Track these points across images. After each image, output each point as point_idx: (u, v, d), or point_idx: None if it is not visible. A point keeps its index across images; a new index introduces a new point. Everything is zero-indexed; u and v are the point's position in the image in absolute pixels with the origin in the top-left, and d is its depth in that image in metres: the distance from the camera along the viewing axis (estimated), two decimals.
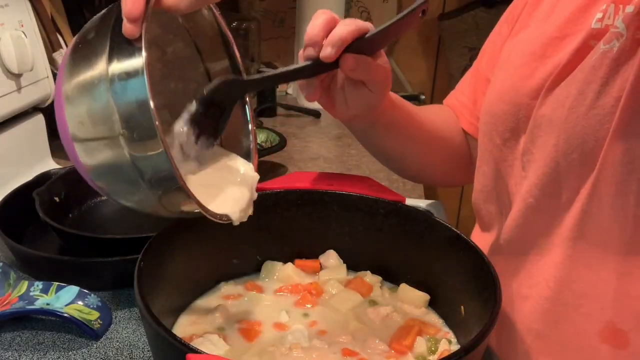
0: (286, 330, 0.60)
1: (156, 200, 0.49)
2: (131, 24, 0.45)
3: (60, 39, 1.05)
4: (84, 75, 0.47)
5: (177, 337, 0.44)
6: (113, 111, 0.45)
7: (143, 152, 0.46)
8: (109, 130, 0.46)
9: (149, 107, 0.44)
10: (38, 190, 0.80)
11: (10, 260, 0.77)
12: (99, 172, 0.49)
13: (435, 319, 0.63)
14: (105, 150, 0.47)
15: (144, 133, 0.45)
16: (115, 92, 0.45)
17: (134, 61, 0.45)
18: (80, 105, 0.47)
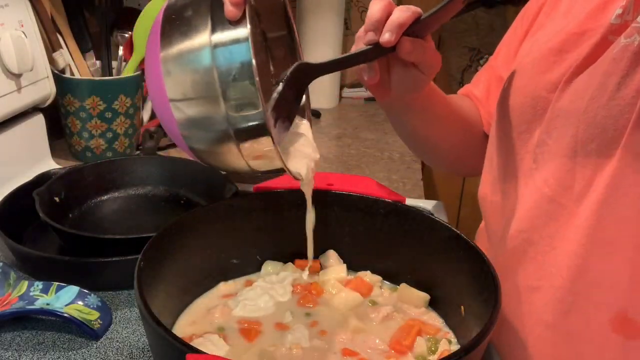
0: (286, 330, 0.60)
1: (240, 155, 0.54)
2: (234, 7, 0.49)
3: (60, 39, 1.05)
4: (187, 44, 0.51)
5: (177, 337, 0.44)
6: (214, 73, 0.50)
7: (240, 102, 0.51)
8: (209, 89, 0.51)
9: (251, 66, 0.49)
10: (38, 190, 0.80)
11: (10, 260, 0.77)
12: (192, 126, 0.53)
13: (435, 319, 0.63)
14: (202, 107, 0.52)
15: (244, 91, 0.50)
16: (218, 55, 0.50)
17: (238, 31, 0.50)
18: (183, 70, 0.52)
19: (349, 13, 1.75)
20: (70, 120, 1.05)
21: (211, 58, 0.50)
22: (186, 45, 0.51)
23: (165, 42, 0.52)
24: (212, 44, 0.50)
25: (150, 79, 0.54)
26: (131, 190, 0.92)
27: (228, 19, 0.50)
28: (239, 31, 0.50)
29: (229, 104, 0.50)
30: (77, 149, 1.08)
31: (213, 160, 0.57)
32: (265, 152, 0.53)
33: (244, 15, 0.50)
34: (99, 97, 1.02)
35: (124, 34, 1.13)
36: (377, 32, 0.59)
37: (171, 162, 0.95)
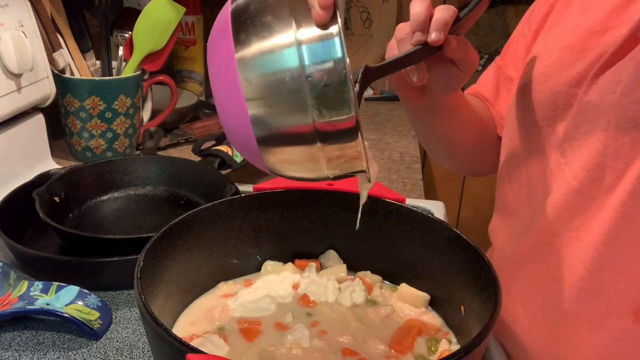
0: (286, 330, 0.60)
1: (322, 161, 0.50)
2: (324, 11, 0.46)
3: (60, 39, 1.05)
4: (271, 51, 0.47)
5: (177, 337, 0.44)
6: (303, 79, 0.46)
7: (331, 107, 0.47)
8: (297, 96, 0.47)
9: (345, 69, 0.46)
10: (38, 190, 0.80)
11: (10, 260, 0.77)
12: (273, 136, 0.49)
13: (435, 319, 0.63)
14: (288, 115, 0.48)
15: (337, 96, 0.47)
16: (307, 61, 0.46)
17: (327, 32, 0.47)
18: (265, 79, 0.48)
19: (349, 13, 1.76)
20: (70, 120, 1.05)
21: (299, 63, 0.46)
22: (269, 52, 0.47)
23: (243, 52, 0.48)
24: (300, 48, 0.47)
25: (222, 92, 0.50)
26: (131, 190, 0.92)
27: (316, 23, 0.47)
28: (328, 33, 0.47)
29: (318, 110, 0.47)
30: (77, 149, 1.08)
31: (289, 170, 0.53)
32: (352, 156, 0.50)
33: (333, 15, 0.47)
34: (99, 97, 1.02)
35: (124, 34, 1.13)
36: (424, 32, 0.60)
37: (171, 162, 0.95)
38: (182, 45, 1.38)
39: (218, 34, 0.50)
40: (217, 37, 0.50)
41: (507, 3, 1.76)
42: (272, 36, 0.47)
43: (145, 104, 1.15)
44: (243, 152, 0.53)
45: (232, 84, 0.48)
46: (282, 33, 0.47)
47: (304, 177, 0.53)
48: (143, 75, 1.10)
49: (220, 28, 0.50)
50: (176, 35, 1.09)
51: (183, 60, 1.40)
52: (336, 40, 0.46)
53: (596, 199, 0.59)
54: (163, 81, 1.14)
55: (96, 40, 1.13)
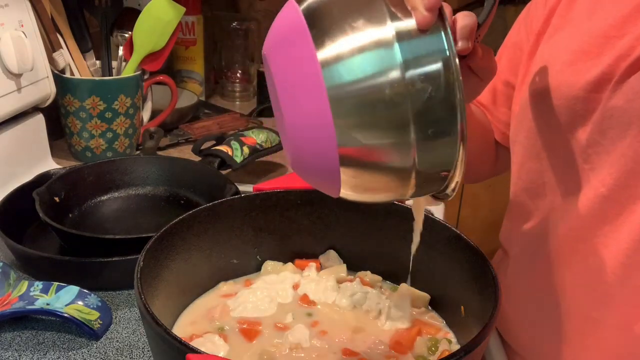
0: (286, 330, 0.60)
1: (409, 184, 0.44)
2: (429, 13, 0.41)
3: (60, 39, 1.05)
4: (366, 62, 0.41)
5: (177, 337, 0.44)
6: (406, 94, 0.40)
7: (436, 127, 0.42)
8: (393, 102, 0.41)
9: (455, 82, 0.41)
10: (38, 190, 0.80)
11: (10, 260, 0.77)
12: (362, 154, 0.43)
13: (435, 319, 0.63)
14: (383, 127, 0.42)
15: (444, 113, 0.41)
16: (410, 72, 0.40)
17: (433, 40, 0.41)
18: (359, 96, 0.41)
19: None
20: (70, 120, 1.05)
21: (401, 73, 0.40)
22: (363, 61, 0.41)
23: (329, 61, 0.41)
24: (401, 55, 0.40)
25: (298, 108, 0.43)
26: (131, 190, 0.92)
27: (419, 28, 0.41)
28: (434, 38, 0.41)
29: (420, 125, 0.41)
30: (77, 149, 1.08)
31: (367, 195, 0.47)
32: (441, 177, 0.45)
33: (439, 18, 0.42)
34: (99, 97, 1.02)
35: (124, 34, 1.13)
36: None
37: (171, 162, 0.95)
38: (182, 45, 1.38)
39: (286, 39, 0.44)
40: (286, 43, 0.43)
41: (507, 3, 1.76)
42: (366, 41, 0.41)
43: (145, 104, 1.15)
44: (313, 176, 0.47)
45: (314, 99, 0.41)
46: (377, 38, 0.41)
47: (378, 201, 0.48)
48: (143, 75, 1.10)
49: (291, 32, 0.43)
50: (176, 35, 1.09)
51: (183, 60, 1.40)
52: (444, 47, 0.41)
53: (627, 206, 0.58)
54: (163, 81, 1.14)
55: (96, 40, 1.13)
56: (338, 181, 0.44)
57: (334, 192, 0.46)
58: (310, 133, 0.43)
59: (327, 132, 0.41)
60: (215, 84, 1.53)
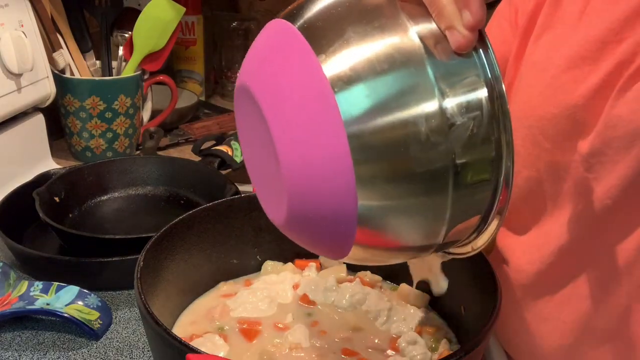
0: (286, 330, 0.60)
1: (441, 237, 0.36)
2: (470, 32, 0.34)
3: (60, 39, 1.05)
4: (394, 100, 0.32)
5: (177, 337, 0.44)
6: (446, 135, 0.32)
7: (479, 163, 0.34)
8: (430, 142, 0.32)
9: (507, 116, 0.34)
10: (38, 190, 0.80)
11: (10, 260, 0.77)
12: (385, 222, 0.34)
13: (435, 319, 0.63)
14: (417, 176, 0.33)
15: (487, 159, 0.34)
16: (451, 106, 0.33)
17: (471, 64, 0.34)
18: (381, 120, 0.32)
19: None
20: (70, 120, 1.05)
21: (438, 106, 0.32)
22: (390, 92, 0.32)
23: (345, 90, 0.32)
24: (437, 84, 0.32)
25: (303, 153, 0.33)
26: (131, 190, 0.92)
27: (457, 50, 0.34)
28: (474, 64, 0.34)
29: (461, 172, 0.33)
30: (77, 149, 1.08)
31: (379, 258, 0.40)
32: (470, 231, 0.38)
33: (480, 38, 0.35)
34: (99, 97, 1.02)
35: (124, 34, 1.13)
36: None
37: (171, 162, 0.95)
38: (182, 45, 1.38)
39: (279, 61, 0.34)
40: (279, 65, 0.34)
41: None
42: (390, 64, 0.32)
43: (145, 104, 1.15)
44: (317, 238, 0.37)
45: (326, 137, 0.32)
46: (405, 59, 0.33)
47: (388, 263, 0.41)
48: (143, 75, 1.10)
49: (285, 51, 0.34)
50: (176, 35, 1.09)
51: (183, 60, 1.40)
52: (484, 64, 0.34)
53: (634, 217, 0.57)
54: (163, 81, 1.14)
55: (96, 40, 1.13)
56: (350, 243, 0.35)
57: (339, 255, 0.37)
58: (320, 181, 0.33)
59: (344, 181, 0.32)
60: (215, 84, 1.53)
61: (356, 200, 0.32)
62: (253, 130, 0.37)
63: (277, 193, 0.36)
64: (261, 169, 0.38)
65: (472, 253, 0.41)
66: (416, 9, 0.35)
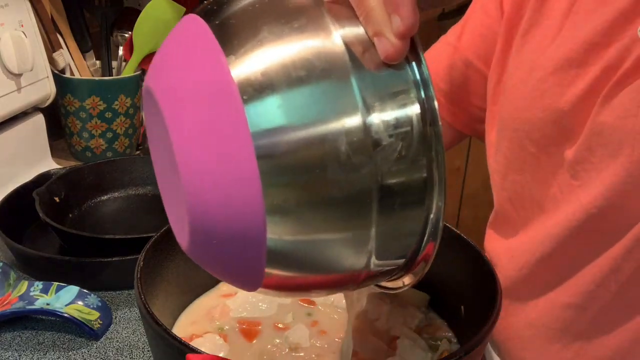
0: (286, 330, 0.60)
1: (365, 271, 0.32)
2: (401, 41, 0.30)
3: (60, 39, 1.05)
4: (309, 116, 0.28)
5: (177, 337, 0.44)
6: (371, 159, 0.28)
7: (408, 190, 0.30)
8: (351, 165, 0.28)
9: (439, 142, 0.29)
10: (38, 190, 0.80)
11: (10, 260, 0.77)
12: (301, 245, 0.30)
13: (435, 319, 0.63)
14: (335, 205, 0.29)
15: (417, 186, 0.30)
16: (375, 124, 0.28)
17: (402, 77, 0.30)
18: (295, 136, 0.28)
19: None
20: (70, 120, 1.05)
21: (362, 122, 0.28)
22: (307, 102, 0.28)
23: (255, 96, 0.28)
24: (362, 97, 0.28)
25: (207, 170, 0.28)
26: (131, 190, 0.92)
27: (386, 60, 0.30)
28: (404, 77, 0.30)
29: (385, 203, 0.29)
30: (77, 149, 1.08)
31: (298, 292, 0.37)
32: (399, 264, 0.35)
33: (412, 49, 0.30)
34: (99, 97, 1.02)
35: (124, 34, 1.13)
36: None
37: None
38: None
39: (185, 64, 0.30)
40: (184, 68, 0.30)
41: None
42: (308, 73, 0.28)
43: None
44: (222, 266, 0.33)
45: (231, 150, 0.27)
46: (326, 67, 0.28)
47: (309, 296, 0.37)
48: (143, 75, 1.10)
49: (192, 53, 0.30)
50: None
51: None
52: (417, 79, 0.30)
53: (621, 225, 0.56)
54: None
55: (96, 40, 1.13)
56: (260, 277, 0.31)
57: (250, 287, 0.33)
58: (222, 208, 0.28)
59: (250, 207, 0.28)
60: None
61: (265, 228, 0.28)
62: (159, 140, 0.32)
63: (181, 214, 0.31)
64: (168, 185, 0.34)
65: (403, 288, 0.37)
66: (344, 11, 0.31)
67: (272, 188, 0.27)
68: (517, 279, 0.67)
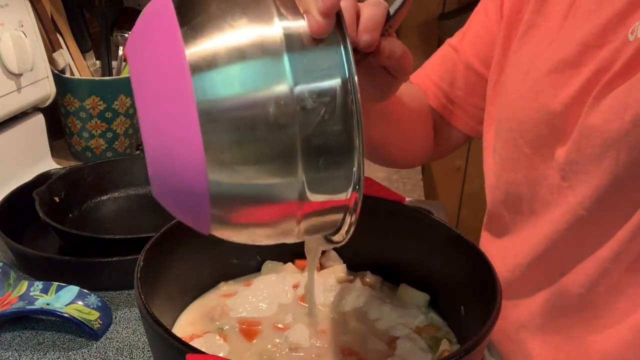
0: (286, 330, 0.60)
1: (295, 225, 0.37)
2: (324, 19, 0.34)
3: (60, 39, 1.05)
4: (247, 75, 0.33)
5: (177, 337, 0.44)
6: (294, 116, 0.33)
7: (329, 147, 0.35)
8: (278, 123, 0.33)
9: (355, 102, 0.34)
10: (38, 190, 0.80)
11: (10, 260, 0.77)
12: (235, 194, 0.35)
13: (435, 319, 0.63)
14: (265, 155, 0.34)
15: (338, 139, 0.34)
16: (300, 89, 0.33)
17: (328, 51, 0.34)
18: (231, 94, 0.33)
19: None
20: (70, 120, 1.05)
21: (288, 86, 0.33)
22: (243, 68, 0.33)
23: (201, 67, 0.33)
24: (290, 65, 0.34)
25: (159, 119, 0.35)
26: (131, 190, 0.92)
27: (313, 36, 0.35)
28: (331, 54, 0.35)
29: (310, 155, 0.34)
30: (77, 149, 1.08)
31: (244, 235, 0.40)
32: (333, 219, 0.39)
33: (337, 24, 0.35)
34: (99, 97, 1.02)
35: (124, 34, 1.13)
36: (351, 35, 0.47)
37: None
38: None
39: (149, 35, 0.36)
40: (148, 40, 0.36)
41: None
42: (248, 47, 0.33)
43: None
44: (178, 207, 0.38)
45: (179, 113, 0.33)
46: (263, 43, 0.34)
47: (259, 243, 0.42)
48: None
49: (155, 27, 0.36)
50: None
51: None
52: (342, 62, 0.35)
53: (609, 228, 0.56)
54: None
55: (96, 40, 1.13)
56: (207, 217, 0.36)
57: (203, 229, 0.38)
58: (173, 157, 0.34)
59: (194, 156, 0.33)
60: None
61: (206, 177, 0.34)
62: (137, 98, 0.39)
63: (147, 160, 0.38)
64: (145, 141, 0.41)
65: (344, 241, 0.41)
66: None
67: (211, 143, 0.33)
68: (510, 280, 0.67)
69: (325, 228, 0.40)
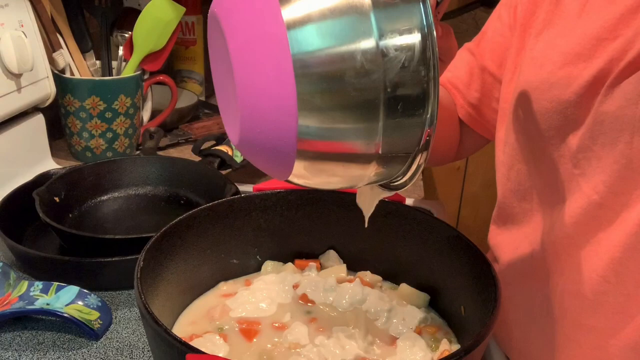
0: (286, 330, 0.60)
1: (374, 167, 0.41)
2: None
3: (60, 39, 1.05)
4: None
5: (177, 337, 0.44)
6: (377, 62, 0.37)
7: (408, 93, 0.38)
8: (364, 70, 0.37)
9: (433, 47, 0.38)
10: (38, 190, 0.80)
11: (10, 260, 0.77)
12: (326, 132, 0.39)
13: (435, 319, 0.63)
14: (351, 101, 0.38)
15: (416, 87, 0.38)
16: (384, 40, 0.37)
17: None
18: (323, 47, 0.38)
19: None
20: (70, 120, 1.05)
21: (375, 36, 0.37)
22: (334, 28, 0.38)
23: (296, 23, 0.37)
24: (377, 25, 0.38)
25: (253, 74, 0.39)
26: (131, 190, 0.92)
27: None
28: (412, 10, 0.38)
29: (391, 100, 0.38)
30: (77, 149, 1.08)
31: (319, 179, 0.44)
32: (401, 161, 0.42)
33: None
34: (99, 97, 1.02)
35: (124, 34, 1.13)
36: None
37: (171, 162, 0.95)
38: (182, 45, 1.38)
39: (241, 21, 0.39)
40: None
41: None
42: (338, 4, 0.38)
43: (145, 104, 1.15)
44: (264, 152, 0.42)
45: (276, 63, 0.37)
46: (352, 2, 0.38)
47: (328, 187, 0.46)
48: (143, 75, 1.10)
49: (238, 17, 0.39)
50: (176, 35, 1.09)
51: (183, 60, 1.40)
52: (422, 17, 0.38)
53: (620, 213, 0.57)
54: (163, 81, 1.14)
55: (96, 40, 1.13)
56: (292, 159, 0.40)
57: (284, 173, 0.42)
58: (268, 101, 0.38)
59: (287, 99, 0.37)
60: None
61: (296, 119, 0.38)
62: (220, 57, 0.42)
63: (235, 115, 0.41)
64: (225, 93, 0.44)
65: (407, 185, 0.45)
66: None
67: (303, 88, 0.37)
68: (522, 270, 0.68)
69: (393, 173, 0.44)
